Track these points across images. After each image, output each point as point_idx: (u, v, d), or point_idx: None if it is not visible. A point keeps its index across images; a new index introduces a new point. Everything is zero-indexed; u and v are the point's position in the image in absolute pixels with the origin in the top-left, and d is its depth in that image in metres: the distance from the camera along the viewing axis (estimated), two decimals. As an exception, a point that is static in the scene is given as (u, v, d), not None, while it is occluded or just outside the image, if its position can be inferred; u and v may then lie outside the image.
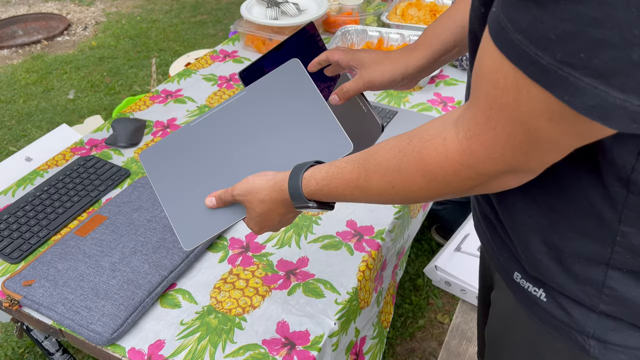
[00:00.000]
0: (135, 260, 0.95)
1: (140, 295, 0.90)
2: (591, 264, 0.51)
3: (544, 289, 0.57)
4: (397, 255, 1.18)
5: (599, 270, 0.51)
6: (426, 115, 1.37)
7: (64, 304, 0.89)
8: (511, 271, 0.61)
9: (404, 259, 1.22)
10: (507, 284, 0.63)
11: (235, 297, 0.93)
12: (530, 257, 0.56)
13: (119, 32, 3.85)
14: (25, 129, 2.87)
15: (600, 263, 0.51)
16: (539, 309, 0.58)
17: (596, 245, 0.50)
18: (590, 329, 0.54)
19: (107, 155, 1.29)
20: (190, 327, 0.89)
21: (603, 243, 0.49)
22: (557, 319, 0.56)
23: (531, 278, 0.58)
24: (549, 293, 0.56)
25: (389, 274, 1.15)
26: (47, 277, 0.93)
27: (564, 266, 0.53)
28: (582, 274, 0.52)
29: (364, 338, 1.04)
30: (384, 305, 1.14)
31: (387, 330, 1.16)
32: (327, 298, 0.93)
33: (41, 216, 1.09)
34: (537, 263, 0.56)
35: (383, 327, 1.13)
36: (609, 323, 0.53)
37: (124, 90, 3.17)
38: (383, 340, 1.13)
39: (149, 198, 1.09)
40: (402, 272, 1.24)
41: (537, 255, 0.55)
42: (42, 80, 3.30)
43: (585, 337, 0.54)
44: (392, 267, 1.16)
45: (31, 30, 3.94)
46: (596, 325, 0.53)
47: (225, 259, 1.01)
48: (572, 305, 0.54)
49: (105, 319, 0.86)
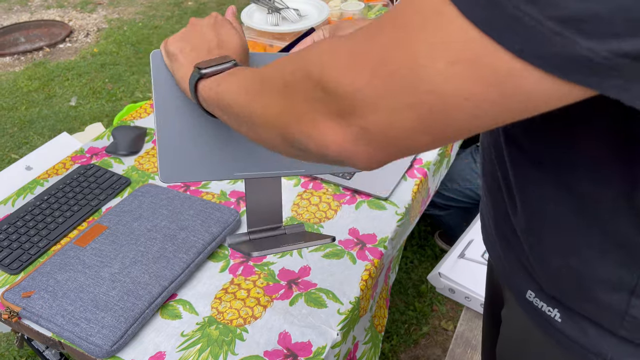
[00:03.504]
0: (135, 271, 0.94)
1: (141, 306, 0.89)
2: (614, 290, 0.48)
3: (558, 309, 0.55)
4: (390, 259, 1.17)
5: (622, 297, 0.48)
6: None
7: (64, 315, 0.88)
8: (524, 289, 0.59)
9: (395, 262, 1.21)
10: (519, 303, 0.61)
11: (237, 308, 0.92)
12: (549, 276, 0.54)
13: (121, 39, 3.86)
14: (27, 136, 2.87)
15: (623, 290, 0.48)
16: (553, 330, 0.56)
17: (621, 270, 0.47)
18: (607, 352, 0.52)
19: (107, 163, 1.28)
20: (191, 338, 0.88)
21: (629, 269, 0.46)
22: (572, 340, 0.54)
23: (545, 297, 0.56)
24: (565, 313, 0.54)
25: (382, 279, 1.13)
26: (46, 288, 0.92)
27: (585, 289, 0.50)
28: (604, 300, 0.49)
29: (357, 344, 1.03)
30: (377, 309, 1.13)
31: (382, 334, 1.14)
32: (330, 308, 0.92)
33: (41, 226, 1.08)
34: (555, 283, 0.53)
35: (377, 332, 1.12)
36: (628, 348, 0.51)
37: (125, 97, 3.17)
38: (378, 344, 1.12)
39: (149, 207, 1.08)
40: (394, 276, 1.23)
41: (557, 276, 0.53)
42: (44, 87, 3.30)
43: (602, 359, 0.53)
44: (385, 271, 1.15)
45: (33, 37, 3.95)
46: (614, 349, 0.51)
47: (227, 268, 1.00)
48: (590, 327, 0.52)
49: (105, 331, 0.85)
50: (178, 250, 0.99)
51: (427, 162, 1.25)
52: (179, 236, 1.01)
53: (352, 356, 1.01)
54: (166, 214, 1.06)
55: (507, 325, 0.71)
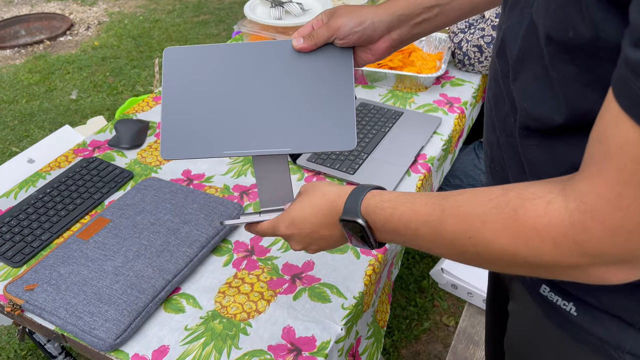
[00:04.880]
0: (138, 264, 0.94)
1: (144, 300, 0.89)
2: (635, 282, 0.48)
3: (574, 302, 0.55)
4: (393, 255, 1.17)
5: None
6: (432, 116, 1.35)
7: (67, 309, 0.88)
8: (538, 284, 0.59)
9: (398, 257, 1.21)
10: (532, 297, 0.61)
11: (240, 302, 0.92)
12: None
13: (122, 32, 3.85)
14: (28, 129, 2.86)
15: None
16: (569, 323, 0.56)
17: None
18: (627, 344, 0.52)
19: (110, 157, 1.27)
20: (194, 332, 0.87)
21: None
22: (589, 333, 0.54)
23: (560, 291, 0.56)
24: (581, 307, 0.54)
25: (385, 274, 1.13)
26: (49, 281, 0.92)
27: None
28: (623, 292, 0.50)
29: (359, 338, 1.03)
30: (379, 304, 1.12)
31: (384, 329, 1.14)
32: (334, 303, 0.91)
33: (43, 219, 1.08)
34: None
35: (379, 327, 1.12)
36: None
37: (126, 91, 3.16)
38: (380, 339, 1.12)
39: (152, 200, 1.08)
40: (397, 271, 1.22)
41: None
42: (44, 81, 3.29)
43: (620, 352, 0.52)
44: (388, 266, 1.15)
45: (34, 30, 3.94)
46: (634, 341, 0.51)
47: (230, 262, 1.00)
48: (608, 320, 0.52)
49: (108, 324, 0.85)
50: (181, 244, 0.98)
51: (431, 157, 1.25)
52: (182, 230, 1.01)
53: (355, 351, 1.01)
54: (169, 207, 1.06)
55: (516, 320, 0.70)
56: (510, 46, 0.57)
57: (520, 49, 0.54)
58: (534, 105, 0.53)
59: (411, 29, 0.73)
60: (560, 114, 0.50)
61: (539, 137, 0.54)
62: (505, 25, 0.60)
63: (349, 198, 0.59)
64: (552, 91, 0.50)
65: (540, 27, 0.50)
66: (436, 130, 1.32)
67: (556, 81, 0.49)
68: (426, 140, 1.28)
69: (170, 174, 1.21)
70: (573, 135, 0.50)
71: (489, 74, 0.69)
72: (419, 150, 1.25)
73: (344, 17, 0.71)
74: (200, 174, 1.21)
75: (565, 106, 0.49)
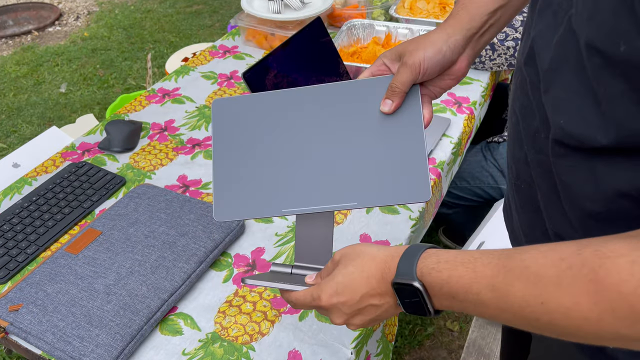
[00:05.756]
0: (132, 282, 0.87)
1: (138, 322, 0.82)
2: None
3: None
4: None
5: None
6: (441, 117, 1.29)
7: (54, 332, 0.81)
8: None
9: None
10: None
11: (242, 323, 0.86)
12: None
13: (112, 23, 3.74)
14: (16, 124, 2.77)
15: None
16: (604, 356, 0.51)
17: None
18: None
19: (100, 161, 1.20)
20: (193, 357, 0.81)
21: None
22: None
23: None
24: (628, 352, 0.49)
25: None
26: (35, 301, 0.85)
27: None
28: None
29: (369, 357, 0.97)
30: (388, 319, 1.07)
31: (392, 343, 1.09)
32: (342, 323, 0.85)
33: (29, 230, 1.01)
34: None
35: (388, 341, 1.07)
36: None
37: (117, 84, 3.07)
38: (388, 355, 1.06)
39: (146, 210, 1.01)
40: None
41: None
42: (32, 73, 3.19)
43: None
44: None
45: (21, 20, 3.82)
46: None
47: (230, 278, 0.93)
48: None
49: (99, 350, 0.78)
50: (178, 259, 0.92)
51: (440, 162, 1.18)
52: (178, 243, 0.94)
53: None
54: (165, 218, 0.99)
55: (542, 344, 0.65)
56: (540, 54, 0.51)
57: (552, 58, 0.49)
58: (572, 122, 0.47)
59: (480, 39, 0.69)
60: (605, 134, 0.44)
61: (576, 156, 0.48)
62: (534, 31, 0.54)
63: (402, 259, 0.52)
64: (596, 108, 0.44)
65: (582, 37, 0.44)
66: (445, 132, 1.26)
67: (602, 97, 0.43)
68: (435, 144, 1.22)
69: (165, 179, 1.14)
70: (618, 156, 0.44)
71: (513, 82, 0.63)
72: (428, 154, 1.19)
73: (419, 50, 0.65)
74: (196, 180, 1.14)
75: (612, 126, 0.43)
